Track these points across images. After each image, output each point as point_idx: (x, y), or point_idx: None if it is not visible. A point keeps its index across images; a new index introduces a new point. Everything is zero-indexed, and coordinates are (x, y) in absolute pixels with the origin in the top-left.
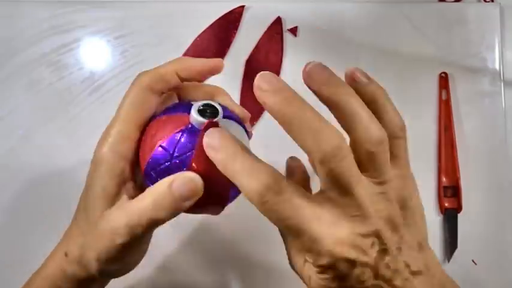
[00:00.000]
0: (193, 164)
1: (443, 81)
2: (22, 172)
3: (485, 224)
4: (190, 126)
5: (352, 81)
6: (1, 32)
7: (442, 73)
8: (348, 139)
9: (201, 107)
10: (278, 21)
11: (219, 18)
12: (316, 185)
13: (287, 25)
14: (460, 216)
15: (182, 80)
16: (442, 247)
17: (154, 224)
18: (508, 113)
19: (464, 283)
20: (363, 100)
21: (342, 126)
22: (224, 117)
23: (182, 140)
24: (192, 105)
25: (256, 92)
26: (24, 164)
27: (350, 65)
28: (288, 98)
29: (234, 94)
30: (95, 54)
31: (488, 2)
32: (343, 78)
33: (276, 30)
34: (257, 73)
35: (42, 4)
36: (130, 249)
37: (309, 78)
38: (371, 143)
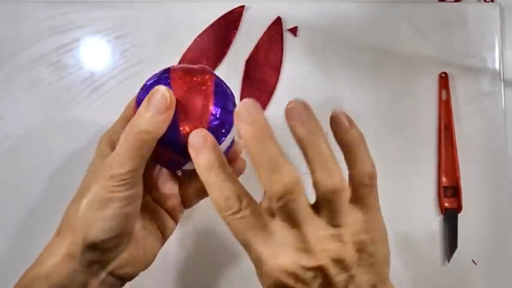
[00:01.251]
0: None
1: (443, 81)
2: (22, 172)
3: (485, 224)
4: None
5: (335, 125)
6: (1, 32)
7: (442, 73)
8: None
9: None
10: (278, 21)
11: (219, 18)
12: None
13: (287, 25)
14: (460, 216)
15: None
16: (442, 247)
17: (140, 147)
18: (508, 113)
19: (464, 283)
20: (341, 145)
21: (310, 167)
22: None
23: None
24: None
25: (235, 117)
26: (24, 164)
27: (350, 65)
28: (258, 134)
29: (234, 94)
30: (95, 54)
31: (488, 2)
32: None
33: (276, 30)
34: (257, 73)
35: (42, 4)
36: (116, 209)
37: (288, 115)
38: (327, 189)
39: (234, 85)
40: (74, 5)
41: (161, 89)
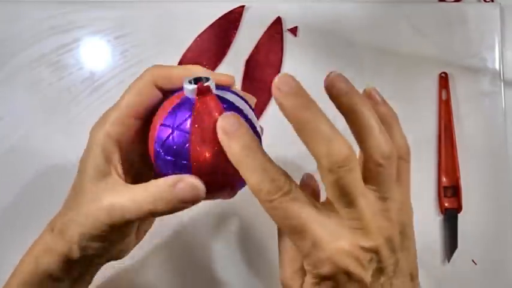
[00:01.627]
0: (193, 129)
1: (443, 81)
2: (22, 172)
3: (485, 224)
4: (184, 97)
5: (369, 99)
6: (1, 32)
7: (442, 73)
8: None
9: (192, 79)
10: (278, 21)
11: (219, 18)
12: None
13: (287, 25)
14: (460, 216)
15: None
16: (442, 247)
17: (148, 214)
18: (508, 113)
19: (464, 283)
20: None
21: (355, 136)
22: (221, 89)
23: (179, 111)
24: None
25: (275, 93)
26: (24, 164)
27: (350, 65)
28: (305, 103)
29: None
30: (95, 54)
31: (488, 2)
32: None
33: (276, 30)
34: (257, 73)
35: (42, 4)
36: (114, 232)
37: (330, 86)
38: (381, 155)
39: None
40: (74, 5)
41: (191, 180)
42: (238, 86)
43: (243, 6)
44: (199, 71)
